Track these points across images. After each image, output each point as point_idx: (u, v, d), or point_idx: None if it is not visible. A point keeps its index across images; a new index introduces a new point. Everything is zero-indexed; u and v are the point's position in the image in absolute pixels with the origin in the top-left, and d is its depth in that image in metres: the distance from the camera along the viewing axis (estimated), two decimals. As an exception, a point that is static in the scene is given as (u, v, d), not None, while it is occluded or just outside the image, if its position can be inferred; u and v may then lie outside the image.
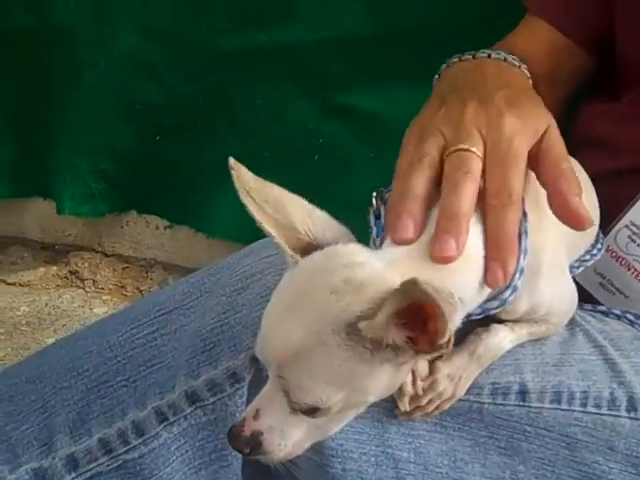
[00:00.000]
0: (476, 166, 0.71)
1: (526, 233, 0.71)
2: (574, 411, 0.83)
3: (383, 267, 0.65)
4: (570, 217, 0.70)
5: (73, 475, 0.80)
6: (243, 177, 0.69)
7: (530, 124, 0.75)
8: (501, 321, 0.81)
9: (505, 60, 0.92)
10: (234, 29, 1.50)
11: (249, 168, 1.70)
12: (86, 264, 1.71)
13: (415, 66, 1.16)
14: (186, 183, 1.65)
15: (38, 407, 0.83)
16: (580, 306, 0.89)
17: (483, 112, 0.75)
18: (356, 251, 0.68)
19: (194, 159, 1.63)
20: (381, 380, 0.65)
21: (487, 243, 0.69)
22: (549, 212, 0.73)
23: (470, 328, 0.80)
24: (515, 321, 0.82)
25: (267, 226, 0.68)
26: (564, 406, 0.83)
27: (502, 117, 0.74)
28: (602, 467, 0.84)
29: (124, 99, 1.60)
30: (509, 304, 0.73)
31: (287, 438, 0.68)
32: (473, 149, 0.72)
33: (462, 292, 0.68)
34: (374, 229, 0.78)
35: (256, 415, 0.67)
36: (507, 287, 0.71)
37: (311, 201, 1.02)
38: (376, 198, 0.80)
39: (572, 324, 0.87)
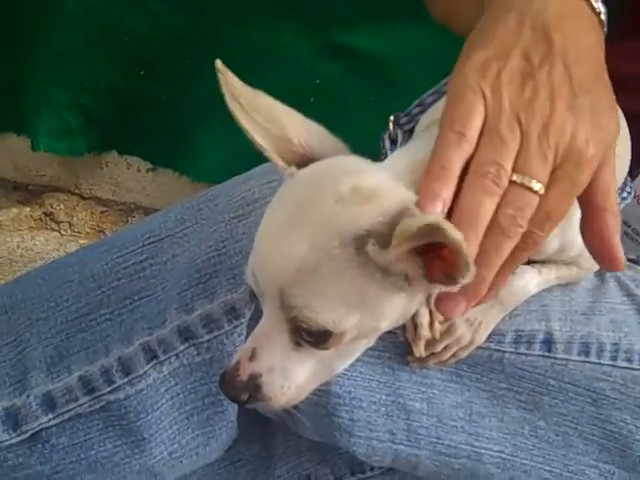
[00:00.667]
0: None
1: None
2: (603, 365, 0.76)
3: (393, 177, 0.56)
4: (604, 257, 0.60)
5: (50, 416, 0.72)
6: (231, 81, 0.60)
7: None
8: (528, 262, 0.74)
9: None
10: (228, -45, 1.40)
11: (239, 110, 1.60)
12: (62, 206, 1.61)
13: (422, 5, 1.07)
14: (171, 123, 1.55)
15: (10, 340, 0.74)
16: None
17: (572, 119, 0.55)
18: (360, 161, 0.59)
19: (180, 97, 1.53)
20: (394, 304, 0.55)
21: None
22: None
23: None
24: (543, 262, 0.74)
25: (257, 136, 0.59)
26: (592, 359, 0.76)
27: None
28: (629, 427, 0.77)
29: (107, 29, 1.49)
30: None
31: (290, 379, 0.58)
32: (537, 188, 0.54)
33: None
34: (389, 153, 0.71)
35: (252, 355, 0.57)
36: None
37: None
38: (393, 123, 0.74)
39: (602, 270, 0.80)
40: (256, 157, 1.54)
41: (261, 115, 0.60)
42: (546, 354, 0.75)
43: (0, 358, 0.73)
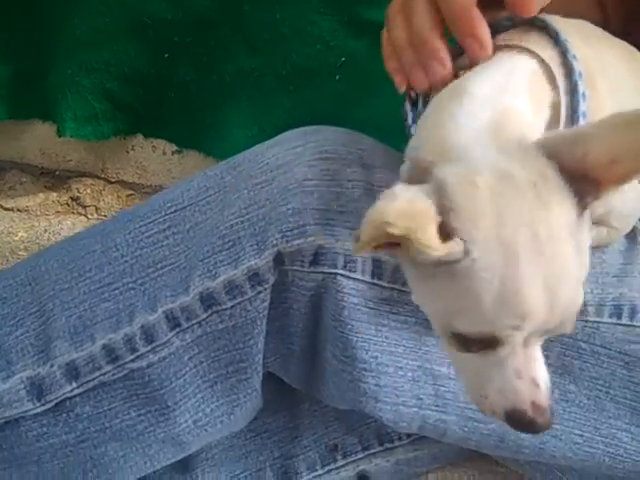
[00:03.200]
0: None
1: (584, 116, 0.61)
2: (636, 327, 0.74)
3: None
4: None
5: (74, 385, 0.72)
6: None
7: None
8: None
9: None
10: None
11: (266, 89, 1.59)
12: (88, 190, 1.61)
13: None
14: (196, 105, 1.54)
15: (34, 311, 0.74)
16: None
17: None
18: None
19: (206, 79, 1.51)
20: None
21: None
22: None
23: None
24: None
25: None
26: (624, 321, 0.74)
27: None
28: (662, 389, 0.75)
29: (130, 12, 1.48)
30: None
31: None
32: None
33: None
34: (409, 116, 0.70)
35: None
36: None
37: (332, 123, 0.93)
38: None
39: (633, 232, 0.78)
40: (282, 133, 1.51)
41: None
42: (577, 317, 0.74)
43: (24, 329, 0.73)
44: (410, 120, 0.70)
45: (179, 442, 0.75)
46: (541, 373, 0.57)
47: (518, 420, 0.56)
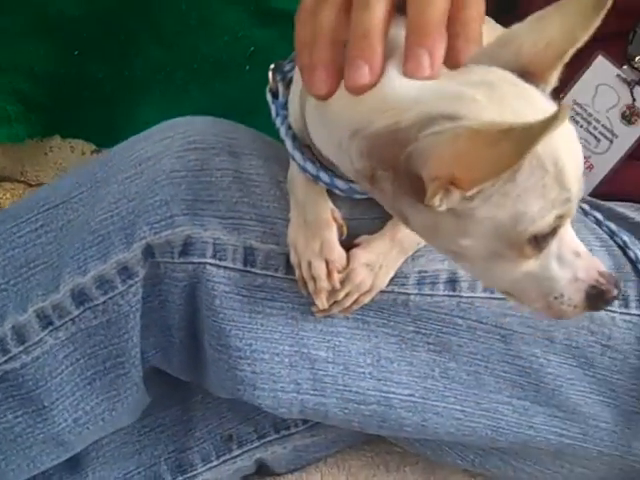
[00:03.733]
0: None
1: None
2: None
3: None
4: None
5: None
6: None
7: None
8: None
9: None
10: None
11: (178, 83, 1.57)
12: (8, 195, 1.59)
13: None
14: (111, 102, 1.53)
15: None
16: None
17: None
18: None
19: (118, 75, 1.50)
20: None
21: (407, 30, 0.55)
22: None
23: None
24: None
25: None
26: (498, 294, 0.75)
27: None
28: (540, 360, 0.77)
29: (36, 9, 1.46)
30: None
31: None
32: None
33: None
34: (272, 108, 0.68)
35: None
36: None
37: (244, 113, 0.92)
38: (273, 72, 0.69)
39: None
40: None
41: None
42: (451, 293, 0.75)
43: None
44: (273, 113, 0.69)
45: (61, 442, 0.74)
46: (584, 246, 0.58)
47: (600, 296, 0.56)
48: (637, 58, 0.86)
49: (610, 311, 0.77)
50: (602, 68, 0.87)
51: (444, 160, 0.49)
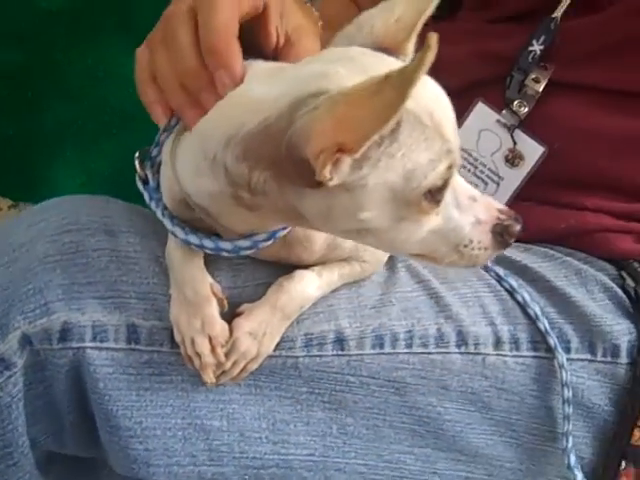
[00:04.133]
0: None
1: None
2: (399, 354, 0.76)
3: None
4: None
5: None
6: None
7: None
8: (307, 266, 0.73)
9: None
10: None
11: (89, 136, 1.58)
12: None
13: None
14: (23, 157, 1.53)
15: None
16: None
17: None
18: None
19: (28, 131, 1.51)
20: None
21: None
22: None
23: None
24: (323, 264, 0.74)
25: None
26: (387, 349, 0.76)
27: None
28: (437, 409, 0.77)
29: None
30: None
31: None
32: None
33: None
34: (145, 194, 0.70)
35: None
36: None
37: None
38: (140, 160, 0.70)
39: (393, 259, 0.80)
40: (111, 180, 1.52)
41: None
42: (340, 353, 0.75)
43: None
44: (147, 198, 0.69)
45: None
46: (476, 190, 0.61)
47: (506, 231, 0.60)
48: (515, 102, 0.87)
49: (501, 355, 0.78)
50: (483, 114, 0.89)
51: (326, 131, 0.51)
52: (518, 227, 0.60)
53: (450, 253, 0.60)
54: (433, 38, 0.46)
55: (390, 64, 0.54)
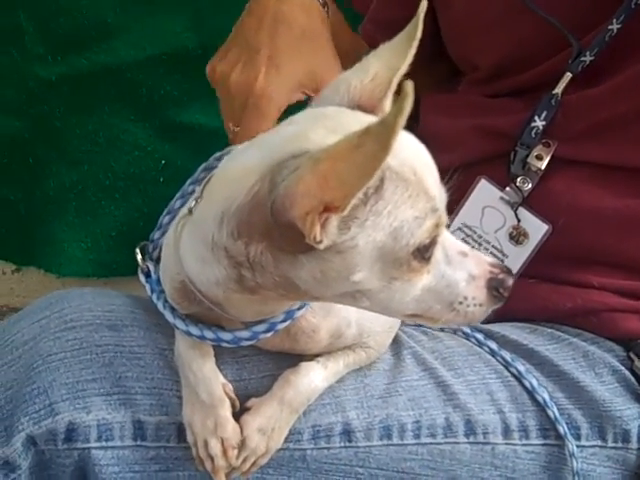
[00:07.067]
0: None
1: None
2: (407, 445, 0.75)
3: None
4: None
5: None
6: None
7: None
8: (312, 356, 0.73)
9: None
10: (50, 55, 1.39)
11: (91, 200, 1.58)
12: None
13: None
14: (26, 222, 1.53)
15: None
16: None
17: None
18: None
19: (31, 196, 1.51)
20: None
21: None
22: None
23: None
24: (328, 354, 0.73)
25: None
26: (395, 441, 0.75)
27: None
28: (448, 498, 0.76)
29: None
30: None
31: None
32: None
33: None
34: (147, 287, 0.71)
35: None
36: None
37: None
38: (141, 254, 0.73)
39: (398, 345, 0.79)
40: (116, 245, 1.51)
41: None
42: (347, 444, 0.74)
43: None
44: (148, 290, 0.70)
45: None
46: (465, 245, 0.61)
47: (500, 285, 0.60)
48: (519, 179, 0.87)
49: (511, 444, 0.77)
50: (486, 191, 0.89)
51: (311, 190, 0.51)
52: (511, 280, 0.60)
53: (445, 311, 0.60)
54: (409, 85, 0.46)
55: (368, 121, 0.54)
